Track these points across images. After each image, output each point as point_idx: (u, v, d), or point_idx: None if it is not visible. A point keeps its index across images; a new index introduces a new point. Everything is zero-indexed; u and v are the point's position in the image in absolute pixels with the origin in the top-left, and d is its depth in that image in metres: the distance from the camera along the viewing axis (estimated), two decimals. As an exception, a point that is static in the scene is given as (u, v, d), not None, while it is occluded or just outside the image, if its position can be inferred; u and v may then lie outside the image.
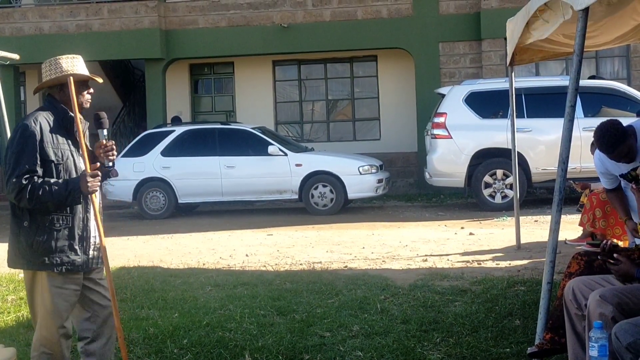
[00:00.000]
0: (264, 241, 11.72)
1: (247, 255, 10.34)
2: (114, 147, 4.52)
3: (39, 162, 4.25)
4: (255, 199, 15.62)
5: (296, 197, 15.21)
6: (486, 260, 9.24)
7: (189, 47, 19.51)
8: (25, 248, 4.32)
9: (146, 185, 15.36)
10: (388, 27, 18.70)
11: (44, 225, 4.31)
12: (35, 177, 4.22)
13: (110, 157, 4.51)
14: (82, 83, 4.49)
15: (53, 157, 4.31)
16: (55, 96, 4.48)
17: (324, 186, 15.05)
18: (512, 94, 9.69)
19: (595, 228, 8.85)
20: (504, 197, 14.24)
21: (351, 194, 15.08)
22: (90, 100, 4.54)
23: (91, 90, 4.55)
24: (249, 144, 15.60)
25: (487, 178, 14.29)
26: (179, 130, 16.00)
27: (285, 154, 15.23)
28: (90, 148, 4.56)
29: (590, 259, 4.73)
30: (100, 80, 4.57)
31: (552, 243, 4.71)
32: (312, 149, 16.80)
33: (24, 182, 4.18)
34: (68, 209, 4.37)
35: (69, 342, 4.54)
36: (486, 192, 14.33)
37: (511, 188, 13.92)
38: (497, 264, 8.93)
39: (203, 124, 17.49)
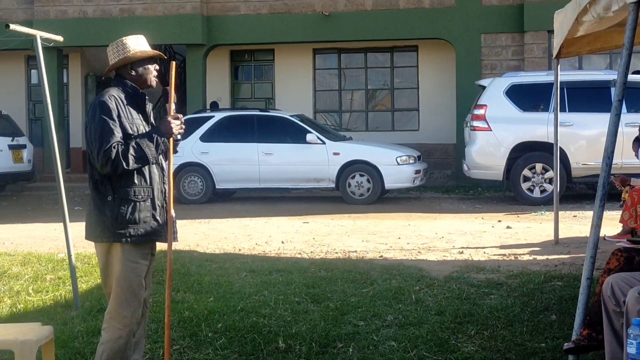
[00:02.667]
0: (300, 229, 11.74)
1: (282, 242, 10.37)
2: (182, 119, 4.59)
3: (121, 133, 4.38)
4: (292, 187, 15.65)
5: (333, 185, 15.20)
6: (523, 254, 9.16)
7: (230, 33, 19.56)
8: (111, 221, 4.42)
9: (184, 170, 15.44)
10: (430, 17, 18.58)
11: (127, 198, 4.42)
12: (120, 145, 4.34)
13: (180, 131, 4.59)
14: (148, 60, 4.60)
15: (130, 131, 4.43)
16: (125, 76, 4.59)
17: (361, 175, 15.03)
18: (557, 87, 9.58)
19: (637, 225, 8.73)
20: (543, 191, 14.10)
21: (388, 184, 15.03)
22: (156, 76, 4.65)
23: (157, 67, 4.65)
24: (287, 131, 15.62)
25: (526, 172, 14.16)
26: (218, 116, 16.08)
27: (323, 143, 15.23)
28: (155, 124, 4.67)
29: (630, 255, 4.66)
30: (164, 56, 4.67)
31: (594, 238, 4.65)
32: (350, 138, 16.78)
33: (113, 150, 4.30)
34: (148, 179, 4.47)
35: (141, 317, 4.61)
36: (525, 185, 14.20)
37: (550, 182, 13.80)
38: (534, 258, 8.85)
39: (242, 110, 17.55)
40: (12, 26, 6.37)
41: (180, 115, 4.55)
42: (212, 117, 16.02)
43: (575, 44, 8.35)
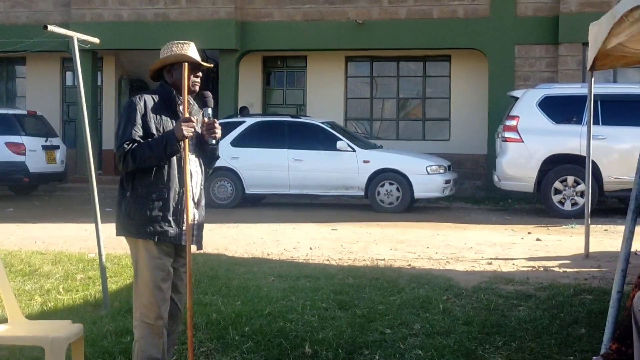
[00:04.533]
0: (328, 235, 11.74)
1: (310, 249, 10.38)
2: (217, 125, 4.64)
3: (140, 132, 4.47)
4: (322, 194, 15.67)
5: (362, 193, 15.20)
6: (553, 266, 9.09)
7: (263, 39, 19.65)
8: (125, 217, 4.56)
9: (215, 174, 15.51)
10: (463, 27, 18.53)
11: (142, 196, 4.52)
12: (132, 144, 4.45)
13: (213, 135, 4.63)
14: (193, 67, 4.65)
15: (155, 132, 4.51)
16: (165, 78, 4.69)
17: (391, 184, 15.01)
18: (591, 100, 9.52)
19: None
20: (574, 204, 13.99)
21: (418, 193, 15.00)
22: (199, 84, 4.69)
23: (200, 74, 4.70)
24: (318, 138, 15.65)
25: (557, 184, 14.06)
26: (249, 121, 16.15)
27: (354, 150, 15.24)
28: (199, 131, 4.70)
29: (662, 270, 4.62)
30: (210, 65, 4.74)
31: (625, 252, 4.62)
32: (381, 146, 16.77)
33: (125, 147, 4.43)
34: (165, 180, 4.53)
35: (173, 320, 4.69)
36: (555, 198, 14.10)
37: (582, 195, 13.69)
38: (563, 271, 8.78)
39: (273, 116, 17.60)
40: (50, 27, 6.46)
41: (193, 118, 4.53)
42: (243, 122, 16.10)
43: (609, 56, 8.27)
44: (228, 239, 11.19)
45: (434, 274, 8.37)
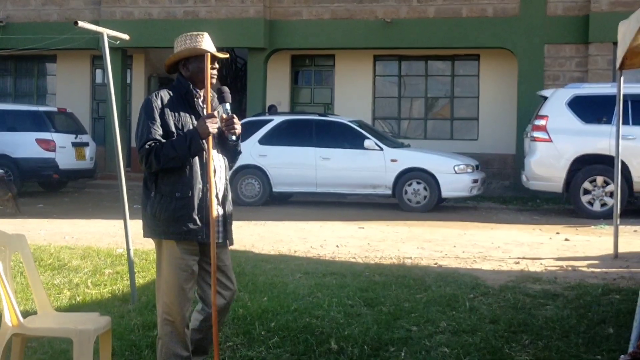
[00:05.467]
0: (355, 234, 11.74)
1: (337, 246, 10.39)
2: (236, 120, 4.58)
3: (160, 131, 4.42)
4: (349, 192, 15.66)
5: (389, 192, 15.17)
6: (581, 266, 9.02)
7: (292, 38, 19.69)
8: (150, 217, 4.51)
9: (242, 172, 15.56)
10: (493, 26, 18.45)
11: (166, 195, 4.47)
12: (157, 143, 4.40)
13: (232, 131, 4.58)
14: (203, 58, 4.52)
15: (173, 129, 4.46)
16: (181, 71, 4.62)
17: (418, 183, 14.97)
18: (620, 99, 9.43)
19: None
20: (603, 204, 13.86)
21: (445, 193, 14.96)
22: (216, 75, 4.59)
23: (216, 66, 4.61)
24: (345, 136, 15.65)
25: (586, 184, 13.95)
26: (277, 119, 16.18)
27: (381, 149, 15.22)
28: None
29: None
30: (226, 55, 4.64)
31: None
32: (408, 145, 16.73)
33: (147, 147, 4.37)
34: (188, 178, 4.48)
35: (190, 310, 4.67)
36: (585, 198, 13.98)
37: (611, 196, 13.55)
38: (592, 271, 8.71)
39: (301, 114, 17.64)
40: (81, 23, 6.53)
41: (215, 114, 4.47)
42: (271, 120, 16.14)
43: (639, 55, 8.21)
44: (255, 237, 11.22)
45: (461, 273, 8.34)
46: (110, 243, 10.30)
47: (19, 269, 7.47)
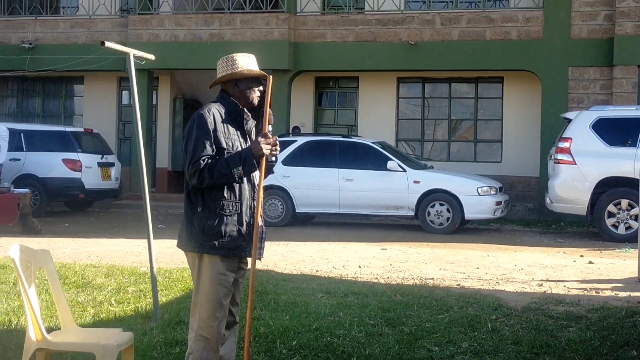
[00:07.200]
0: (378, 255, 11.75)
1: (359, 267, 10.40)
2: (277, 142, 4.66)
3: (213, 147, 4.49)
4: (371, 213, 15.67)
5: (412, 214, 15.17)
6: (604, 289, 8.97)
7: (316, 60, 19.79)
8: (198, 232, 4.53)
9: (265, 192, 15.51)
10: (516, 49, 18.44)
11: (215, 211, 4.52)
12: (211, 159, 4.46)
13: (273, 153, 4.66)
14: (254, 80, 4.69)
15: (224, 145, 4.54)
16: (229, 91, 4.71)
17: (441, 205, 14.96)
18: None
19: None
20: (628, 228, 13.76)
21: (468, 215, 14.92)
22: (259, 97, 4.71)
23: (261, 88, 4.72)
24: (368, 157, 15.69)
25: (611, 207, 13.86)
26: (300, 140, 16.26)
27: (404, 170, 15.24)
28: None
29: None
30: (270, 77, 4.71)
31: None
32: (432, 166, 16.73)
33: (202, 163, 4.43)
34: (237, 195, 4.56)
35: (230, 332, 4.72)
36: (609, 221, 13.89)
37: (636, 219, 13.48)
38: (615, 294, 8.65)
39: (324, 135, 17.71)
40: (108, 43, 6.63)
41: (273, 139, 4.58)
42: (294, 141, 16.22)
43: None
44: (277, 257, 11.25)
45: (483, 294, 8.32)
46: (134, 262, 10.38)
47: (44, 286, 7.55)
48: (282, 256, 11.36)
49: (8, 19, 21.85)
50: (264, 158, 4.57)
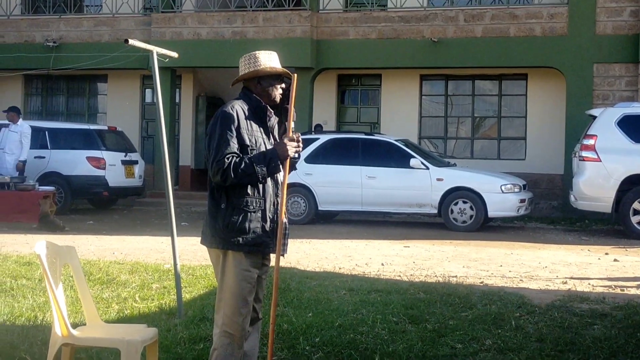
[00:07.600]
0: (400, 252, 11.73)
1: (382, 265, 10.38)
2: (300, 138, 4.68)
3: (237, 145, 4.50)
4: (394, 211, 15.64)
5: (435, 211, 15.12)
6: (630, 287, 8.89)
7: (339, 57, 19.77)
8: (222, 228, 4.54)
9: (288, 190, 15.55)
10: (541, 46, 18.32)
11: (239, 207, 4.53)
12: (235, 157, 4.47)
13: (297, 150, 4.67)
14: (276, 77, 4.70)
15: (248, 142, 4.55)
16: (251, 88, 4.72)
17: (465, 202, 14.90)
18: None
19: None
20: (654, 225, 13.65)
21: (492, 212, 14.85)
22: (281, 94, 4.73)
23: (283, 85, 4.74)
24: (391, 155, 15.65)
25: (636, 205, 13.75)
26: (323, 138, 16.25)
27: (427, 168, 15.19)
28: (277, 140, 4.74)
29: None
30: (294, 75, 4.71)
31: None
32: (455, 164, 16.67)
33: (226, 161, 4.44)
34: (261, 191, 4.58)
35: (252, 328, 4.73)
36: (635, 219, 13.79)
37: (662, 217, 13.36)
38: (641, 292, 8.58)
39: (347, 133, 17.70)
40: (131, 41, 6.65)
41: (297, 136, 4.60)
42: (317, 139, 16.22)
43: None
44: (300, 254, 11.26)
45: (507, 291, 8.28)
46: (158, 259, 10.43)
47: (69, 282, 7.61)
48: (305, 254, 11.37)
49: (32, 17, 22.02)
50: (289, 159, 4.58)
